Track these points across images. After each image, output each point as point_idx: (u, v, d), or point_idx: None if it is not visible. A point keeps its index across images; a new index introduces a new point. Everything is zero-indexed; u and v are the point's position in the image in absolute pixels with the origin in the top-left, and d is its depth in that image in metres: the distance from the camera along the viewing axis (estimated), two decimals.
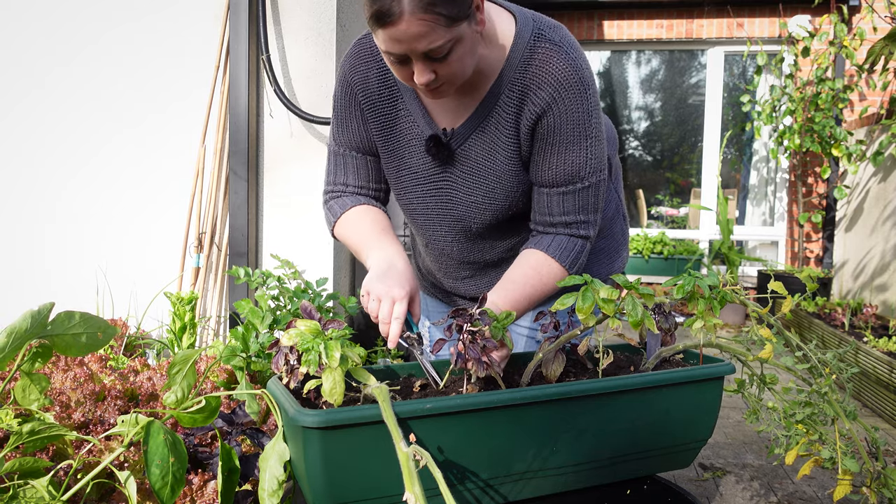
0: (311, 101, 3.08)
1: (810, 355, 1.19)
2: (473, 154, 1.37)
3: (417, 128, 1.38)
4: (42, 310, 0.94)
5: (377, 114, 1.41)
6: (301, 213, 3.13)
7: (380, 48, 1.18)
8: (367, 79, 1.39)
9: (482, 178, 1.38)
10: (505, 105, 1.32)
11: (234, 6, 3.02)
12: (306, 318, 0.99)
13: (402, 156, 1.42)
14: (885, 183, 5.03)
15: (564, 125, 1.29)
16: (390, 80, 1.38)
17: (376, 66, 1.38)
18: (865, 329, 4.09)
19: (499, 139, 1.35)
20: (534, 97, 1.29)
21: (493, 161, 1.36)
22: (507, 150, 1.35)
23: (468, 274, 1.56)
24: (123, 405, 1.53)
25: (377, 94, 1.39)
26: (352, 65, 1.40)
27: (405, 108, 1.39)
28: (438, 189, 1.43)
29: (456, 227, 1.47)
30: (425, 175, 1.42)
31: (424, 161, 1.41)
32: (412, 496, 0.73)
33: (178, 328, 2.77)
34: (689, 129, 7.09)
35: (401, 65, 1.19)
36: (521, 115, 1.32)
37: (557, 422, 1.03)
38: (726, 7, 6.31)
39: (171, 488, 0.90)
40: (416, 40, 1.11)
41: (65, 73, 3.31)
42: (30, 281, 3.40)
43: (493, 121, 1.34)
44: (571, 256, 1.36)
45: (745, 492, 2.50)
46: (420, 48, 1.13)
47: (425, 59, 1.16)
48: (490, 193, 1.39)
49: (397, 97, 1.39)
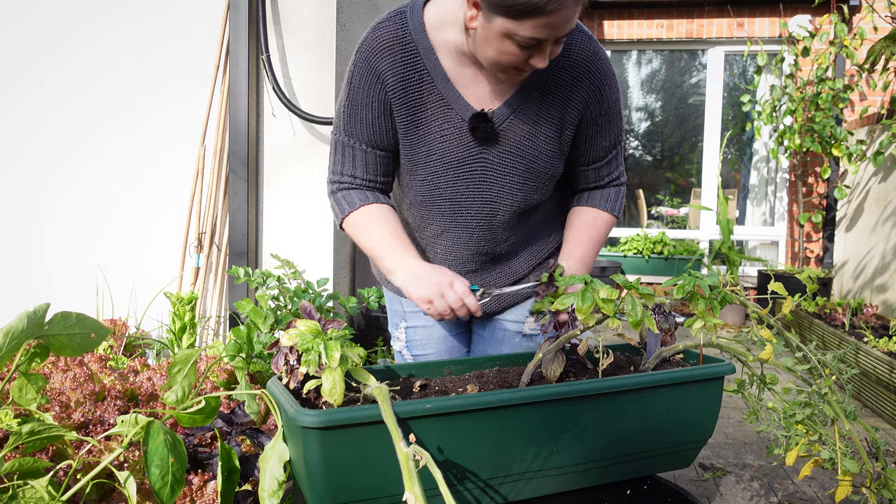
0: (310, 100, 3.07)
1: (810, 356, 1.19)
2: (512, 134, 1.40)
3: (451, 111, 1.39)
4: (38, 310, 0.94)
5: (406, 100, 1.39)
6: (301, 213, 3.13)
7: (518, 34, 1.17)
8: (395, 64, 1.37)
9: (519, 157, 1.42)
10: (552, 86, 1.38)
11: (234, 6, 3.02)
12: (306, 318, 0.99)
13: (433, 141, 1.42)
14: (886, 183, 5.03)
15: (606, 113, 1.44)
16: (420, 65, 1.37)
17: (402, 52, 1.37)
18: (866, 329, 4.09)
19: (541, 119, 1.40)
20: (580, 84, 1.39)
21: (532, 140, 1.41)
22: (548, 130, 1.41)
23: (474, 268, 1.57)
24: (123, 405, 1.53)
25: (407, 80, 1.38)
26: (377, 51, 1.38)
27: (436, 93, 1.38)
28: (472, 171, 1.43)
29: (483, 212, 1.48)
30: (459, 158, 1.42)
31: (458, 144, 1.41)
32: (412, 496, 0.72)
33: (178, 328, 2.77)
34: (689, 129, 7.08)
35: (527, 49, 1.20)
36: (569, 99, 1.39)
37: (557, 422, 1.03)
38: (727, 7, 6.31)
39: (170, 488, 0.90)
40: (565, 25, 1.17)
41: (64, 73, 3.31)
42: (29, 281, 3.40)
43: (536, 101, 1.39)
44: (618, 204, 1.56)
45: (745, 492, 2.50)
46: (563, 32, 1.19)
47: (553, 43, 1.21)
48: (525, 173, 1.44)
49: (428, 81, 1.38)
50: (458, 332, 1.68)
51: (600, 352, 1.16)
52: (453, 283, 1.32)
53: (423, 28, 1.36)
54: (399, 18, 1.38)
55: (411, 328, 1.66)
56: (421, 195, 1.49)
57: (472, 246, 1.53)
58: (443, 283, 1.32)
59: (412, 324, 1.66)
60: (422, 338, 1.66)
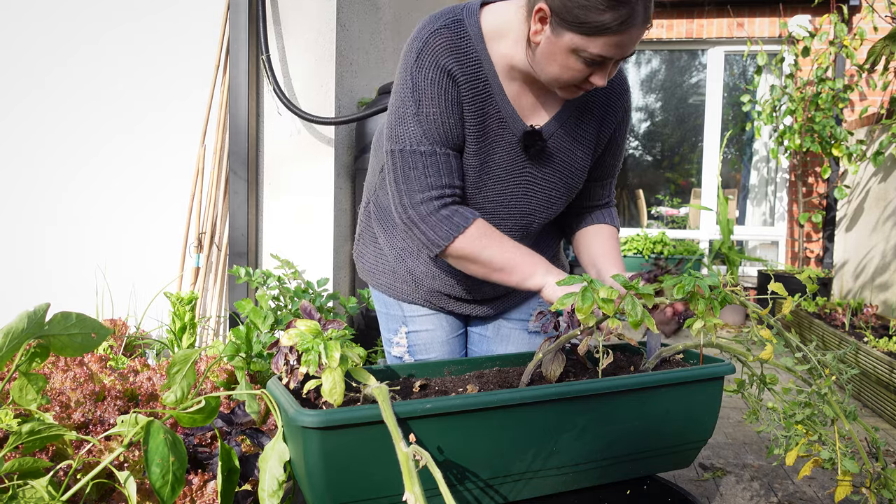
0: (311, 100, 3.07)
1: (810, 356, 1.19)
2: (556, 150, 1.44)
3: (505, 124, 1.38)
4: (38, 310, 0.94)
5: (474, 108, 1.35)
6: (301, 213, 3.13)
7: (587, 51, 1.20)
8: (463, 68, 1.32)
9: (559, 172, 1.45)
10: (590, 104, 1.43)
11: (234, 6, 3.02)
12: (306, 318, 0.99)
13: (489, 152, 1.40)
14: (886, 183, 5.03)
15: (626, 127, 1.52)
16: (482, 74, 1.34)
17: (467, 58, 1.33)
18: (866, 329, 4.09)
19: (579, 136, 1.45)
20: (615, 105, 1.46)
21: (572, 157, 1.46)
22: (585, 147, 1.46)
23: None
24: (123, 405, 1.53)
25: (473, 88, 1.34)
26: (442, 52, 1.30)
27: (494, 105, 1.37)
28: (517, 185, 1.44)
29: (519, 224, 1.49)
30: (508, 171, 1.42)
31: (508, 158, 1.41)
32: (412, 496, 0.72)
33: (178, 328, 2.77)
34: (689, 129, 7.08)
35: (590, 66, 1.23)
36: (604, 119, 1.46)
37: (557, 422, 1.03)
38: (726, 7, 6.31)
39: (171, 488, 0.90)
40: (631, 45, 1.20)
41: (64, 73, 3.31)
42: (30, 281, 3.40)
43: (576, 118, 1.43)
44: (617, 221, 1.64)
45: (745, 492, 2.50)
46: (629, 52, 1.22)
47: (617, 62, 1.24)
48: (562, 188, 1.48)
49: (488, 93, 1.36)
50: (459, 335, 1.67)
51: (600, 352, 1.16)
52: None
53: (481, 36, 1.33)
54: (457, 25, 1.32)
55: (413, 332, 1.64)
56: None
57: None
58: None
59: (413, 328, 1.64)
60: (424, 341, 1.64)
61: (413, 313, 1.64)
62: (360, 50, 3.30)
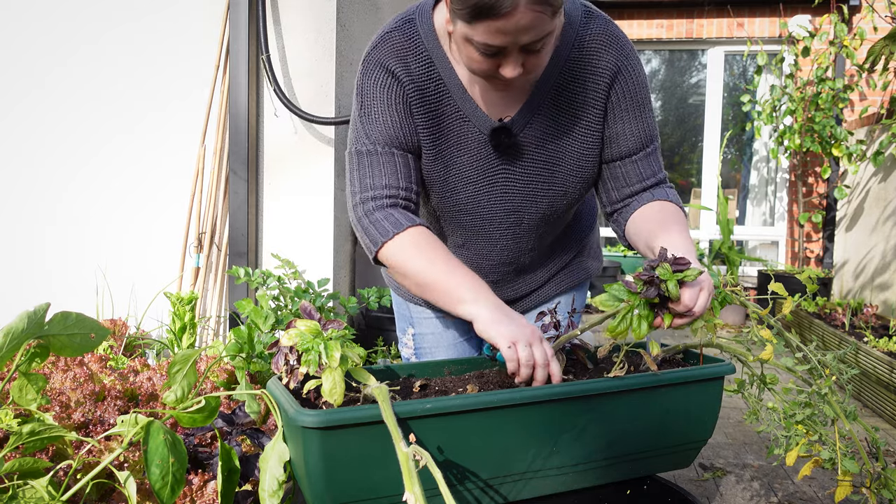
0: (310, 100, 3.08)
1: (810, 356, 1.19)
2: (532, 140, 1.33)
3: (468, 123, 1.31)
4: (38, 310, 0.94)
5: (424, 111, 1.30)
6: (301, 213, 3.13)
7: (473, 40, 1.11)
8: (410, 73, 1.28)
9: (542, 162, 1.35)
10: (567, 85, 1.30)
11: (234, 6, 3.02)
12: (306, 318, 0.99)
13: (451, 155, 1.33)
14: (886, 183, 5.03)
15: (635, 89, 1.32)
16: (435, 74, 1.29)
17: (415, 60, 1.28)
18: (866, 329, 4.09)
19: (562, 118, 1.32)
20: (597, 65, 1.29)
21: (558, 143, 1.34)
22: (577, 126, 1.33)
23: (495, 279, 1.51)
24: (123, 405, 1.53)
25: (423, 90, 1.29)
26: (388, 57, 1.28)
27: (453, 104, 1.30)
28: (493, 183, 1.36)
29: (508, 222, 1.40)
30: (479, 171, 1.35)
31: (478, 157, 1.33)
32: (412, 496, 0.72)
33: (178, 328, 2.77)
34: (689, 129, 7.08)
35: (489, 57, 1.13)
36: (589, 86, 1.30)
37: (558, 422, 1.03)
38: (726, 7, 6.31)
39: (171, 488, 0.90)
40: (523, 32, 1.08)
41: (64, 73, 3.31)
42: (30, 281, 3.40)
43: (553, 102, 1.31)
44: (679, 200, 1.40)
45: (745, 492, 2.50)
46: (524, 40, 1.10)
47: (520, 52, 1.13)
48: (549, 178, 1.36)
49: (444, 93, 1.30)
50: (468, 338, 1.63)
51: (619, 359, 1.16)
52: (543, 339, 1.11)
53: (434, 35, 1.28)
54: (408, 26, 1.29)
55: (419, 335, 1.62)
56: (440, 209, 1.42)
57: (494, 257, 1.47)
58: (534, 334, 1.10)
59: (419, 330, 1.62)
60: (430, 345, 1.61)
61: (419, 315, 1.61)
62: (360, 50, 3.30)
